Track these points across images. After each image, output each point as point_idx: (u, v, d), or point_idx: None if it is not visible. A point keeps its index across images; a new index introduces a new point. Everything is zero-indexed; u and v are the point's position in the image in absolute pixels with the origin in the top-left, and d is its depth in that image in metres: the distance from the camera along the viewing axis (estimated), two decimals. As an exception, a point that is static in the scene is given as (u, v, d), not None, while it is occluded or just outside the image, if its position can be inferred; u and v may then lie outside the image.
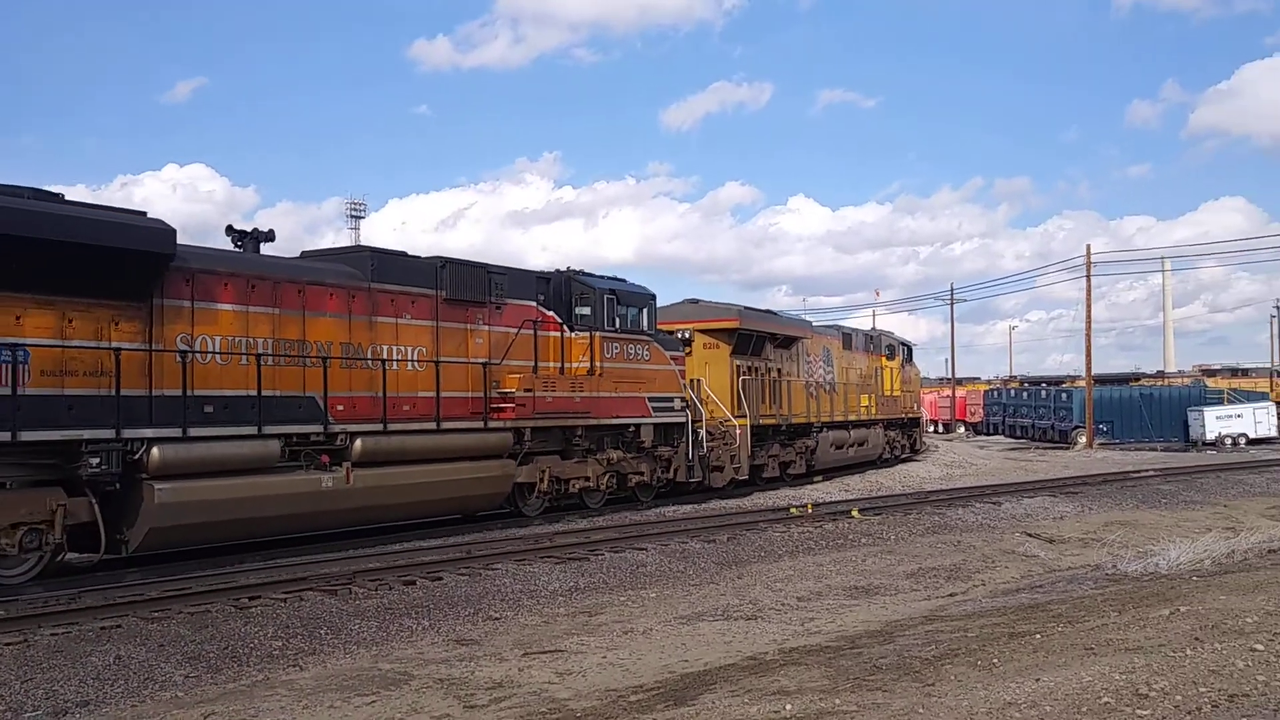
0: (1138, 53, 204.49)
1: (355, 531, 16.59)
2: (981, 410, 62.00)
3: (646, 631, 10.78)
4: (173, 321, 13.70)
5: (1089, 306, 50.00)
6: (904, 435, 37.73)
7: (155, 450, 13.02)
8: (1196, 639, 7.05)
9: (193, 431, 13.46)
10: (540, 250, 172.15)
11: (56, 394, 12.40)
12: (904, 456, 37.17)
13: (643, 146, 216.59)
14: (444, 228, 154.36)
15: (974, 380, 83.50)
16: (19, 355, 12.01)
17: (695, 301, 26.63)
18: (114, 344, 12.85)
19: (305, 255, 17.43)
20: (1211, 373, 74.76)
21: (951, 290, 65.99)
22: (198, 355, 13.84)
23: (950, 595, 12.94)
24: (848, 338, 33.43)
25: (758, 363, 26.17)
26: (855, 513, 20.22)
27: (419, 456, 16.53)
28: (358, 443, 15.49)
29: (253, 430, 14.08)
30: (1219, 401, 50.66)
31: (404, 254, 17.58)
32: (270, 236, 15.99)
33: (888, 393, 35.55)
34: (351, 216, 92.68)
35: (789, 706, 6.62)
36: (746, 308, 27.19)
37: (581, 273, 20.72)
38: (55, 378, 12.44)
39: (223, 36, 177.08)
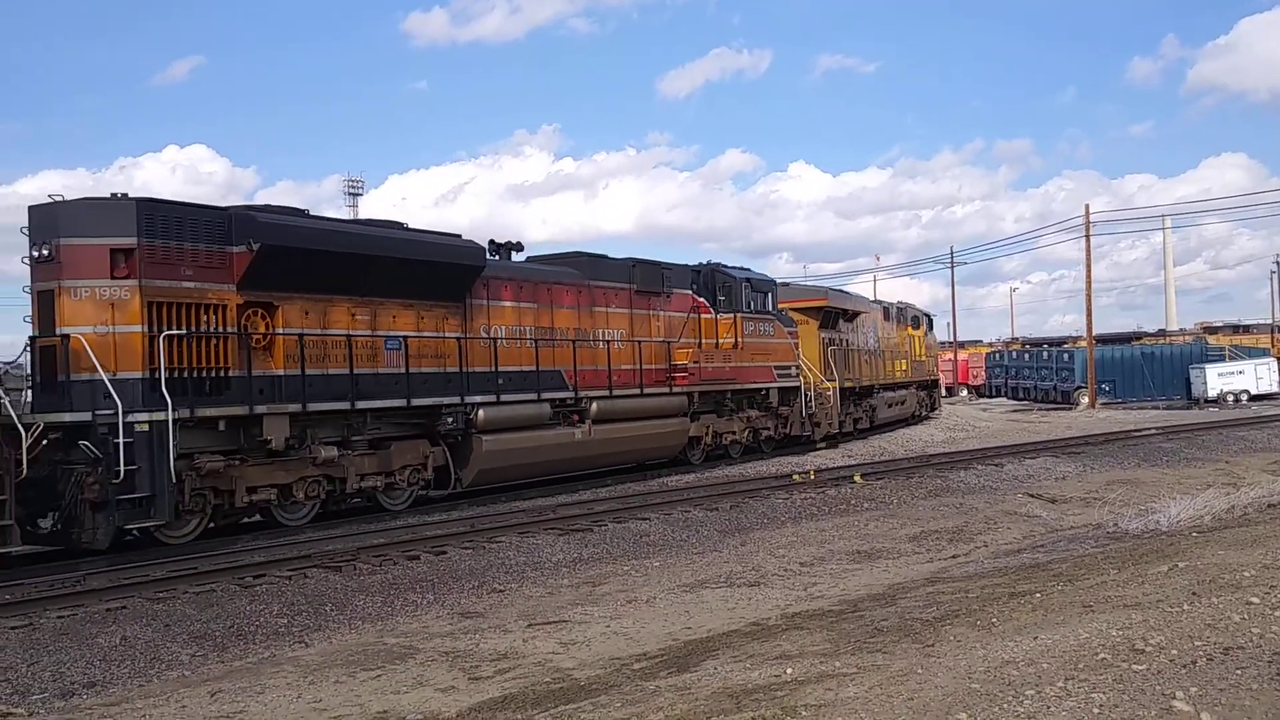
0: (1137, 7, 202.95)
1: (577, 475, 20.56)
2: (984, 373, 61.98)
3: (650, 600, 10.84)
4: (477, 316, 18.15)
5: (1089, 267, 49.86)
6: (928, 395, 42.14)
7: (481, 412, 17.68)
8: (1194, 594, 7.07)
9: (503, 398, 18.07)
10: (540, 224, 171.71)
11: (417, 372, 16.73)
12: (926, 415, 41.03)
13: (642, 116, 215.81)
14: (444, 203, 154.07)
15: (976, 343, 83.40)
16: (400, 344, 16.55)
17: (786, 284, 30.26)
18: (455, 334, 17.53)
19: (530, 260, 21.08)
20: (1213, 330, 74.61)
21: (951, 253, 65.88)
22: (494, 341, 18.29)
23: (952, 557, 12.99)
24: (886, 311, 37.19)
25: (835, 335, 30.16)
26: (858, 478, 20.27)
27: (630, 415, 20.98)
28: (594, 405, 20.02)
29: (534, 397, 18.74)
30: (1221, 358, 50.57)
31: (605, 256, 22.07)
32: (520, 247, 20.21)
33: (917, 358, 39.96)
34: (349, 194, 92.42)
35: (790, 670, 6.66)
36: (831, 289, 32.38)
37: (721, 265, 25.04)
38: (416, 359, 16.76)
39: (217, 14, 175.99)
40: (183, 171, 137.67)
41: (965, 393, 62.77)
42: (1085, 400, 47.62)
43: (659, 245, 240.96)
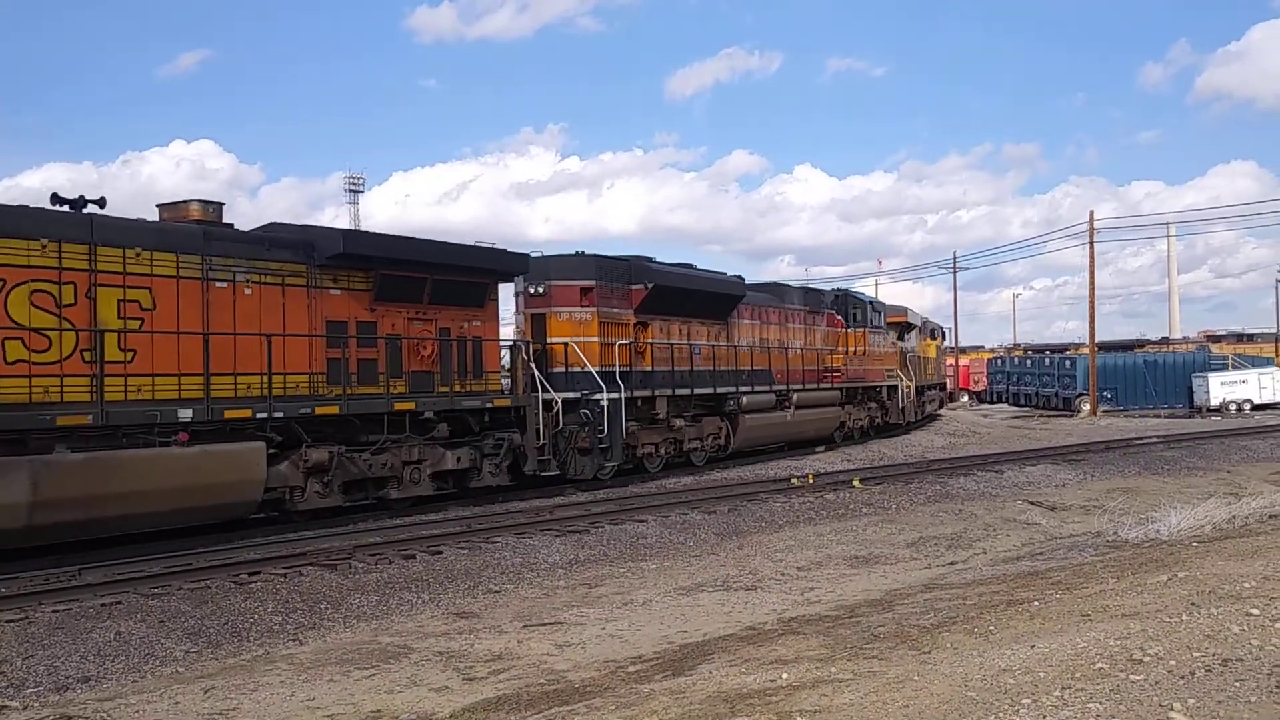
0: (1148, 12, 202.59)
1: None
2: (985, 378, 61.90)
3: (646, 603, 10.80)
4: (733, 331, 25.24)
5: (1092, 273, 49.86)
6: (944, 394, 49.64)
7: (744, 398, 24.56)
8: (1193, 604, 7.03)
9: (755, 388, 25.07)
10: (543, 222, 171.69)
11: (707, 370, 23.69)
12: (940, 412, 46.77)
13: (650, 116, 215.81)
14: (446, 200, 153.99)
15: (978, 348, 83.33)
16: (701, 350, 23.71)
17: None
18: (724, 344, 24.65)
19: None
20: (1217, 339, 74.60)
21: (954, 258, 66.01)
22: (751, 349, 25.64)
23: (951, 564, 12.95)
24: (921, 324, 42.94)
25: (904, 345, 37.21)
26: (857, 482, 20.24)
27: (813, 404, 28.07)
28: (795, 395, 26.96)
29: (766, 388, 25.71)
30: (1224, 367, 50.52)
31: (788, 284, 30.20)
32: (741, 279, 25.89)
33: (938, 364, 46.54)
34: (350, 191, 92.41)
35: (785, 675, 6.63)
36: (908, 308, 40.30)
37: (850, 291, 33.62)
38: (709, 361, 23.81)
39: (222, 6, 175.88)
40: (188, 166, 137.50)
41: (966, 398, 62.68)
42: (1087, 407, 47.57)
43: (661, 246, 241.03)
